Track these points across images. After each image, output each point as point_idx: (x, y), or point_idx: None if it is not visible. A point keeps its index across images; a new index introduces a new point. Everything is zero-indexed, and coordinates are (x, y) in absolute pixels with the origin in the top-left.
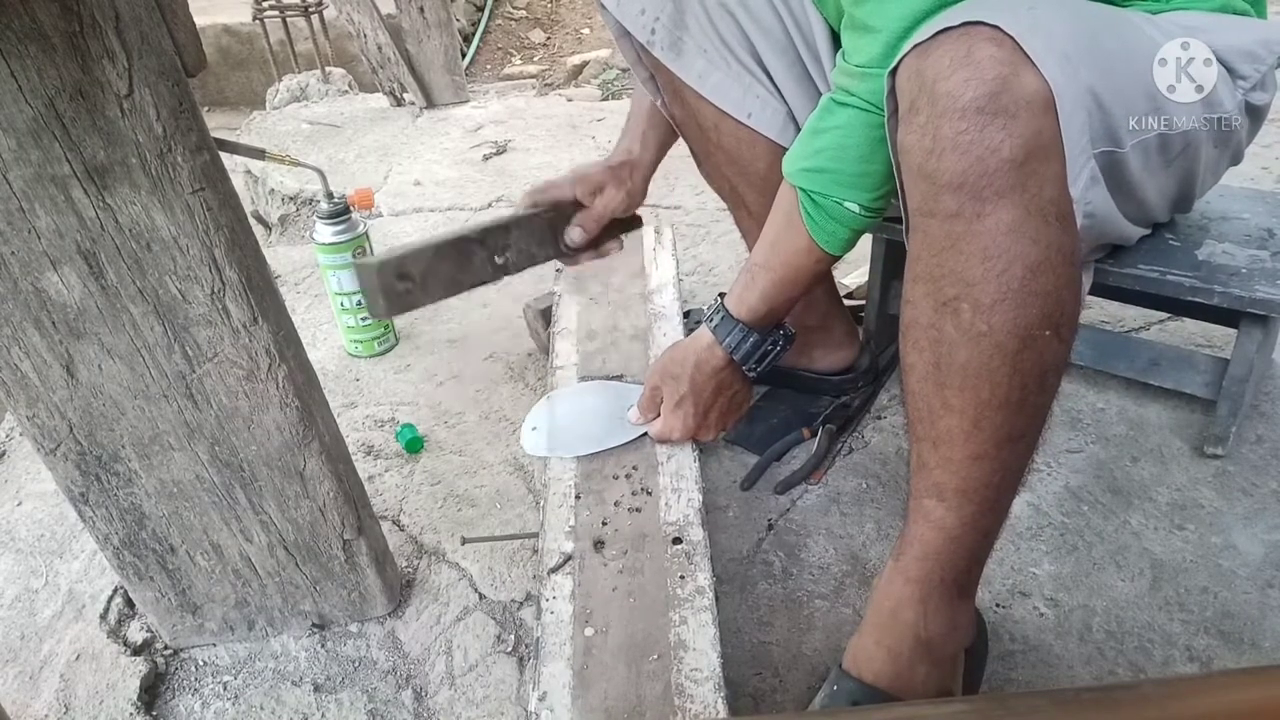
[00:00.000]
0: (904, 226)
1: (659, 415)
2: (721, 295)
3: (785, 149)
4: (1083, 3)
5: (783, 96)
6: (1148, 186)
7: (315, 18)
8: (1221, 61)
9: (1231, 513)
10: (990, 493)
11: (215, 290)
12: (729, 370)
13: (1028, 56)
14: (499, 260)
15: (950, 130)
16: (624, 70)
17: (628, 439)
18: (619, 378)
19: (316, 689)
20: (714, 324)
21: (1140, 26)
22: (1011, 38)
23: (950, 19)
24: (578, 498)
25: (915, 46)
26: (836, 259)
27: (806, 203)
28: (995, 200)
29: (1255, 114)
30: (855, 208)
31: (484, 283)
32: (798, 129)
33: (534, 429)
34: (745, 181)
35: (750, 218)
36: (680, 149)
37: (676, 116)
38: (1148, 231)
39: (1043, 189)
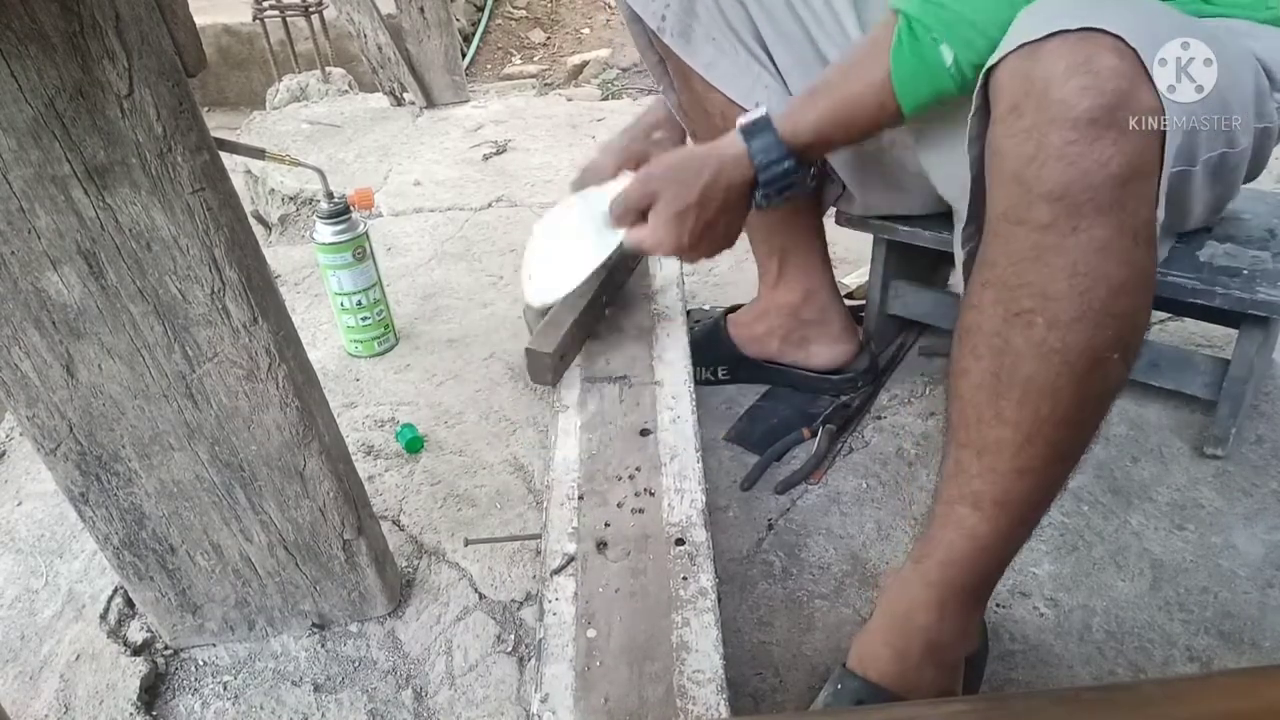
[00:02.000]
0: (960, 230)
1: (643, 220)
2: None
3: None
4: (1189, 16)
5: (789, 87)
6: (1198, 201)
7: (315, 18)
8: (1266, 71)
9: (1231, 513)
10: (1028, 509)
11: (215, 290)
12: (743, 190)
13: (1146, 71)
14: (605, 300)
15: (1058, 139)
16: (624, 70)
17: (607, 254)
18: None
19: (316, 689)
20: (752, 134)
21: (1237, 39)
22: (1134, 50)
23: (1066, 20)
24: (580, 498)
25: (1023, 46)
26: (898, 121)
27: (904, 31)
28: (1093, 216)
29: None
30: (949, 57)
31: (596, 325)
32: None
33: (530, 277)
34: None
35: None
36: None
37: (683, 103)
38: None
39: (1138, 209)
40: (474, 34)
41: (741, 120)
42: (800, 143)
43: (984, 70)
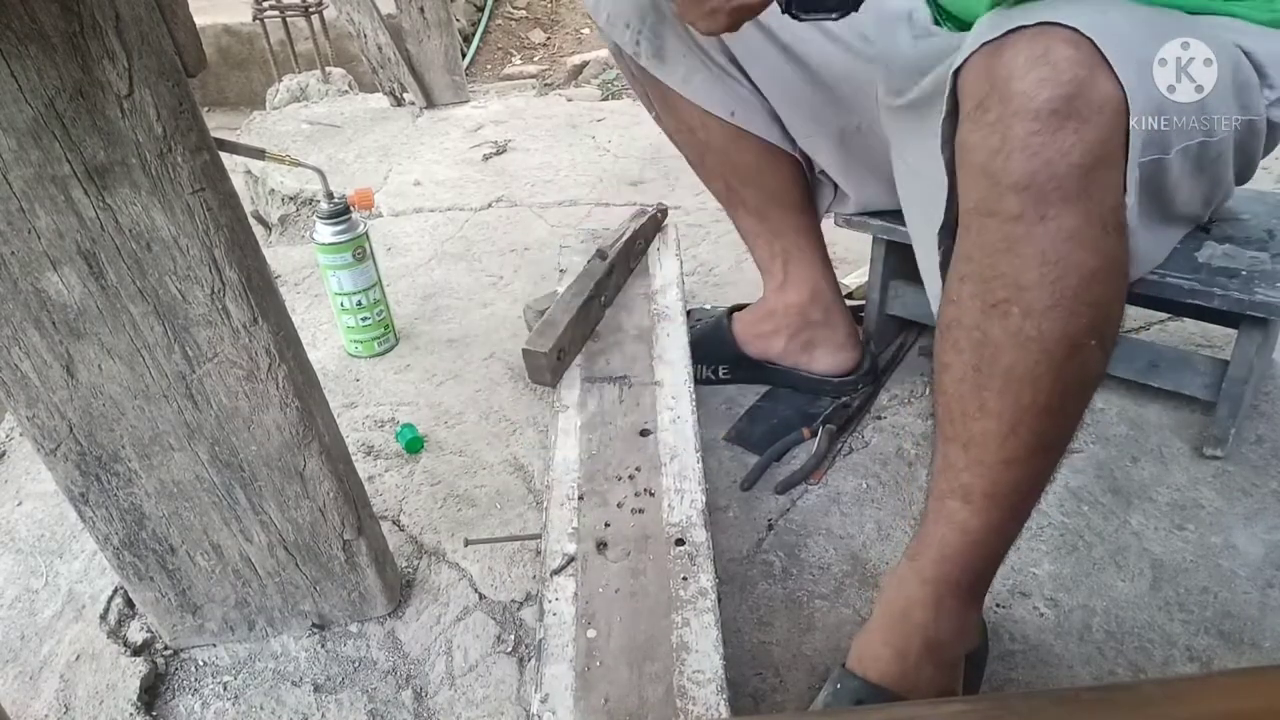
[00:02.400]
0: (914, 226)
1: None
2: None
3: (772, 144)
4: (1151, 8)
5: (762, 94)
6: (1180, 191)
7: (315, 18)
8: (1255, 66)
9: (1231, 513)
10: (1017, 499)
11: (215, 290)
12: None
13: (1105, 60)
14: (603, 300)
15: (1022, 130)
16: None
17: None
18: (623, 377)
19: (316, 689)
20: None
21: (1221, 33)
22: (1089, 40)
23: (1024, 18)
24: (580, 499)
25: (985, 45)
26: None
27: None
28: (1060, 205)
29: (1273, 131)
30: None
31: (596, 325)
32: (781, 125)
33: None
34: (738, 176)
35: (749, 213)
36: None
37: (669, 128)
38: (1159, 260)
39: (1105, 197)
40: (474, 34)
41: None
42: None
43: (951, 72)
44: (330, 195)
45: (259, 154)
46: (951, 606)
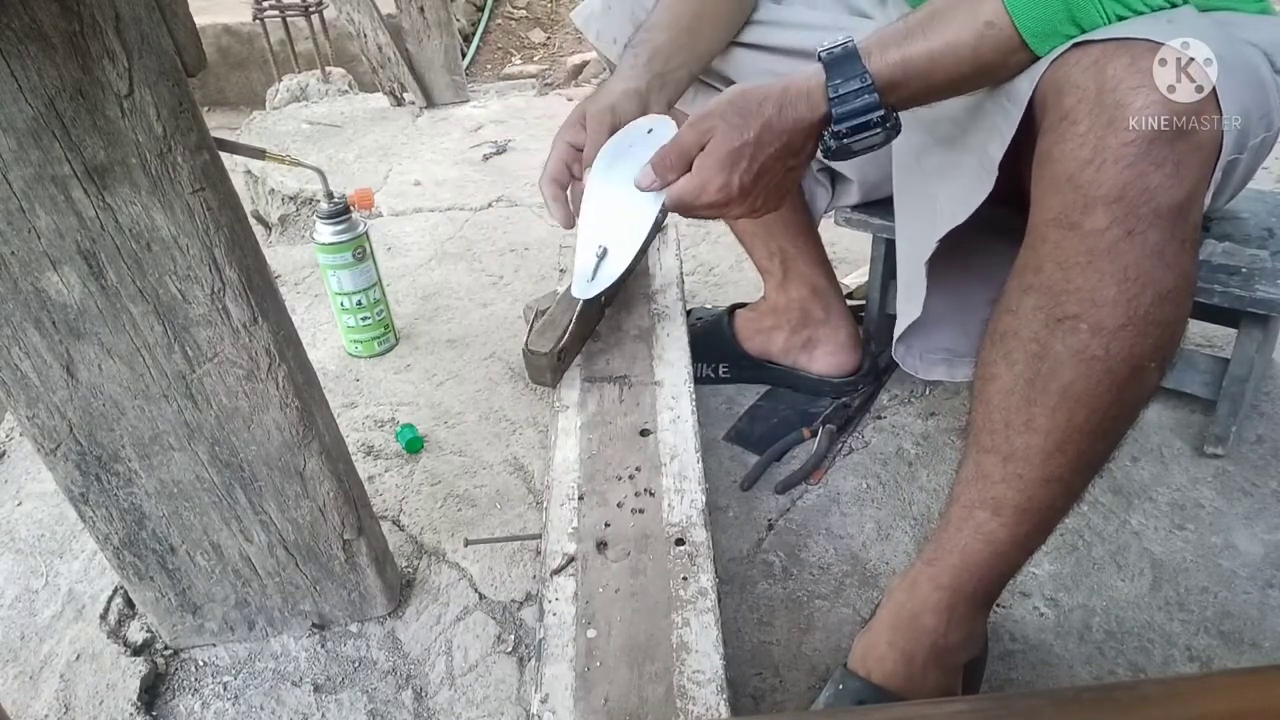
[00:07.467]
0: (908, 220)
1: (687, 171)
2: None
3: None
4: (1204, 15)
5: None
6: (1231, 189)
7: (315, 18)
8: (1269, 57)
9: (1231, 513)
10: (1050, 515)
11: (215, 290)
12: (811, 129)
13: (1201, 72)
14: (603, 300)
15: (1116, 142)
16: None
17: (650, 222)
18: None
19: (316, 689)
20: (832, 58)
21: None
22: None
23: (1112, 32)
24: (580, 499)
25: (1064, 56)
26: (1013, 65)
27: None
28: (1151, 220)
29: None
30: None
31: (596, 325)
32: None
33: (569, 267)
34: None
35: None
36: None
37: None
38: None
39: (1191, 213)
40: (474, 34)
41: (823, 47)
42: (882, 80)
43: (1028, 83)
44: (330, 195)
45: (259, 154)
46: (964, 614)
